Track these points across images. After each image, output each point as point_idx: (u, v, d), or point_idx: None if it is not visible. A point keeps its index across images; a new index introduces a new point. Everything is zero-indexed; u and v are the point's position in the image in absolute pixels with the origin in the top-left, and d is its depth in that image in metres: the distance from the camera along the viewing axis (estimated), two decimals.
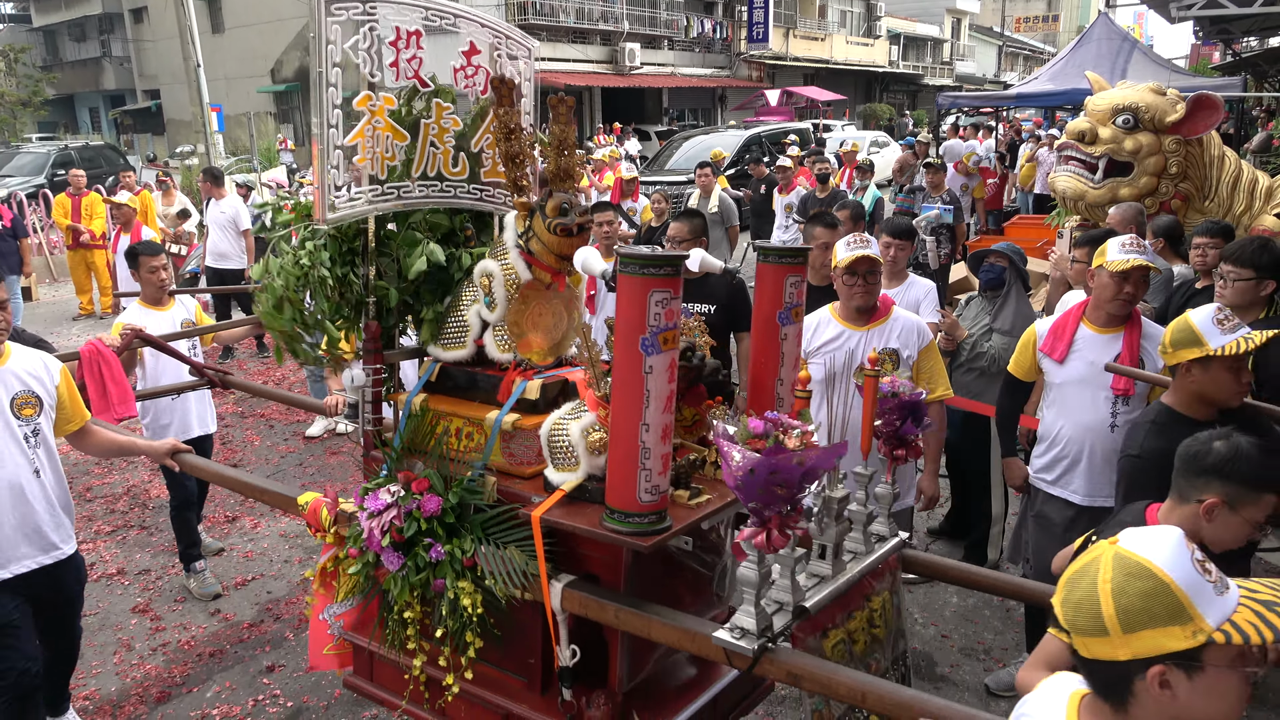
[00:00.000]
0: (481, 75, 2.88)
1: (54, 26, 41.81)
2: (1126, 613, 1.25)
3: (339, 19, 2.48)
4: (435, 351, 2.77)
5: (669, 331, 2.01)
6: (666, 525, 2.14)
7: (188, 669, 4.08)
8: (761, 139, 17.76)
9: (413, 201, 2.74)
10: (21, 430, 3.08)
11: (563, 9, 28.24)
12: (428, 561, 2.41)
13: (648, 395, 2.02)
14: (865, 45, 41.06)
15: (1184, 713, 1.27)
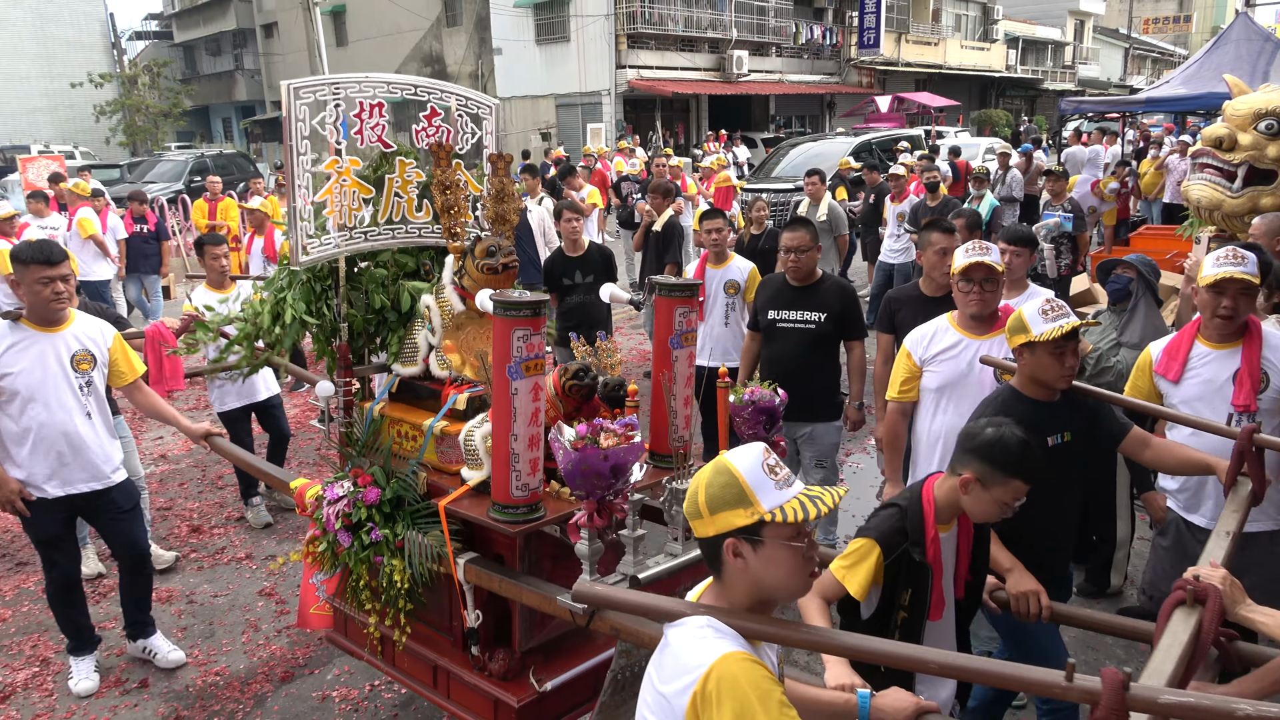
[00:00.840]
0: (443, 133, 3.47)
1: (193, 42, 44.48)
2: (711, 499, 1.66)
3: (306, 101, 3.07)
4: (396, 368, 3.37)
5: (531, 361, 2.56)
6: (539, 515, 2.70)
7: (310, 651, 4.28)
8: (871, 146, 17.44)
9: (379, 243, 3.40)
10: (78, 381, 3.83)
11: (671, 18, 28.40)
12: (369, 541, 2.93)
13: (515, 412, 2.58)
14: (981, 49, 39.87)
15: (756, 578, 1.67)
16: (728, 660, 1.56)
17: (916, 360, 3.67)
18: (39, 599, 4.82)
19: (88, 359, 3.86)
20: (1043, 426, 2.85)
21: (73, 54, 34.00)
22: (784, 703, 1.55)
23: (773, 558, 1.64)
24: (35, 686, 4.09)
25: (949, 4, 38.95)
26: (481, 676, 2.93)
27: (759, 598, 1.70)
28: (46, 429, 3.76)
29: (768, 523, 1.62)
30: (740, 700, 1.51)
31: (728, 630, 1.64)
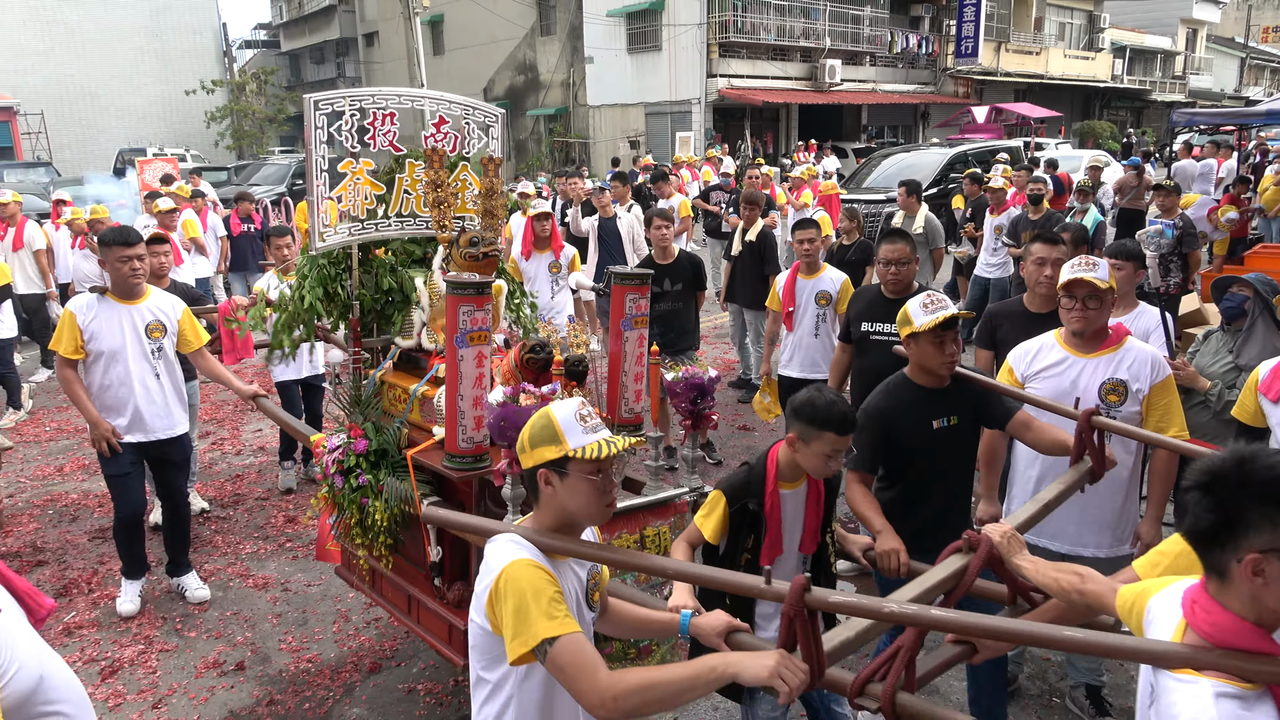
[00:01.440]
0: (451, 139, 3.92)
1: (298, 50, 46.25)
2: (532, 437, 2.04)
3: (325, 112, 3.56)
4: (398, 341, 3.92)
5: (475, 333, 3.02)
6: (484, 465, 3.12)
7: (396, 644, 4.38)
8: (967, 157, 17.02)
9: (388, 234, 3.91)
10: (150, 346, 4.57)
11: (764, 27, 28.27)
12: (357, 485, 3.38)
13: (461, 375, 3.03)
14: (1085, 59, 38.54)
15: (561, 504, 2.03)
16: (515, 564, 1.94)
17: (1019, 376, 3.55)
18: (146, 579, 5.05)
19: (159, 328, 4.59)
20: (930, 410, 3.16)
21: (187, 62, 35.70)
22: (554, 599, 1.89)
23: (575, 488, 2.01)
24: (140, 664, 4.28)
25: (1052, 12, 37.76)
26: (441, 604, 3.37)
27: (564, 521, 2.06)
28: (122, 385, 4.50)
29: (571, 458, 1.98)
30: (519, 595, 1.88)
31: (527, 544, 2.01)
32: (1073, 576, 2.09)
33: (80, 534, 5.71)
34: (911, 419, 3.17)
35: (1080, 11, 39.48)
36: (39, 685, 1.84)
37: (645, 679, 1.83)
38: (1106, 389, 3.36)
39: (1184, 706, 1.50)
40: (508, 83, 34.17)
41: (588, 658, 1.84)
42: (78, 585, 5.02)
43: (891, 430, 3.17)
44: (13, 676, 1.77)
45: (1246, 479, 1.50)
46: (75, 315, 4.43)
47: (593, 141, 30.75)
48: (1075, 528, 3.44)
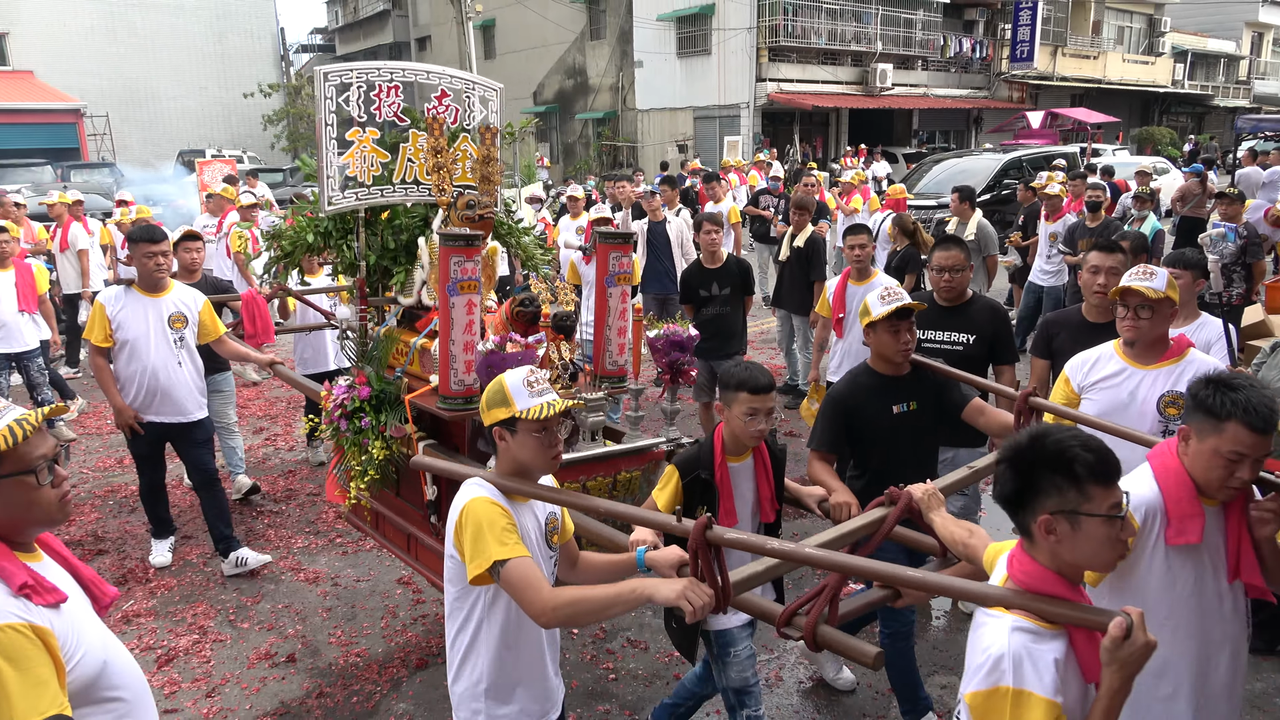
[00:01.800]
0: (452, 111, 4.22)
1: (353, 55, 46.98)
2: (488, 400, 2.41)
3: (334, 83, 3.88)
4: (401, 299, 4.25)
5: (465, 281, 3.31)
6: (474, 406, 3.31)
7: (443, 641, 4.40)
8: (1021, 163, 16.75)
9: (393, 199, 4.19)
10: (171, 336, 4.93)
11: (814, 31, 28.09)
12: (359, 427, 3.73)
13: (453, 322, 3.32)
14: (1145, 63, 37.67)
15: (514, 455, 2.39)
16: (475, 501, 2.31)
17: (1075, 386, 3.47)
18: (201, 570, 5.18)
19: (181, 319, 4.96)
20: (890, 396, 3.38)
21: (246, 66, 36.50)
22: (507, 529, 2.25)
23: (524, 444, 2.37)
24: (194, 653, 4.38)
25: (1111, 16, 36.98)
26: (438, 540, 3.54)
27: (518, 469, 2.42)
28: (146, 372, 4.86)
29: (519, 418, 2.33)
30: (476, 525, 2.25)
31: (488, 486, 2.37)
32: (963, 531, 2.35)
33: (139, 524, 5.85)
34: (872, 405, 3.39)
35: (1140, 15, 38.61)
36: (103, 671, 1.89)
37: (578, 594, 2.19)
38: (1165, 402, 3.27)
39: (987, 635, 1.76)
40: (557, 86, 34.40)
41: (534, 577, 2.20)
42: (135, 574, 5.16)
43: (853, 415, 3.40)
44: (79, 661, 1.82)
45: (1039, 453, 1.78)
46: (105, 306, 4.84)
47: (641, 145, 30.81)
48: None
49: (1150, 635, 1.62)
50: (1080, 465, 1.74)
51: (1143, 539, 2.34)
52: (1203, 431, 2.28)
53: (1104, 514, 1.73)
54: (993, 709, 1.68)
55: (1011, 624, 1.73)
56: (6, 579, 1.77)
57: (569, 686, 3.83)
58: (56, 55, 32.03)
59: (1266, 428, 2.19)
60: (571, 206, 9.06)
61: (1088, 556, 1.77)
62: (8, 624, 1.69)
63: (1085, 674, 1.72)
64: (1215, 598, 2.37)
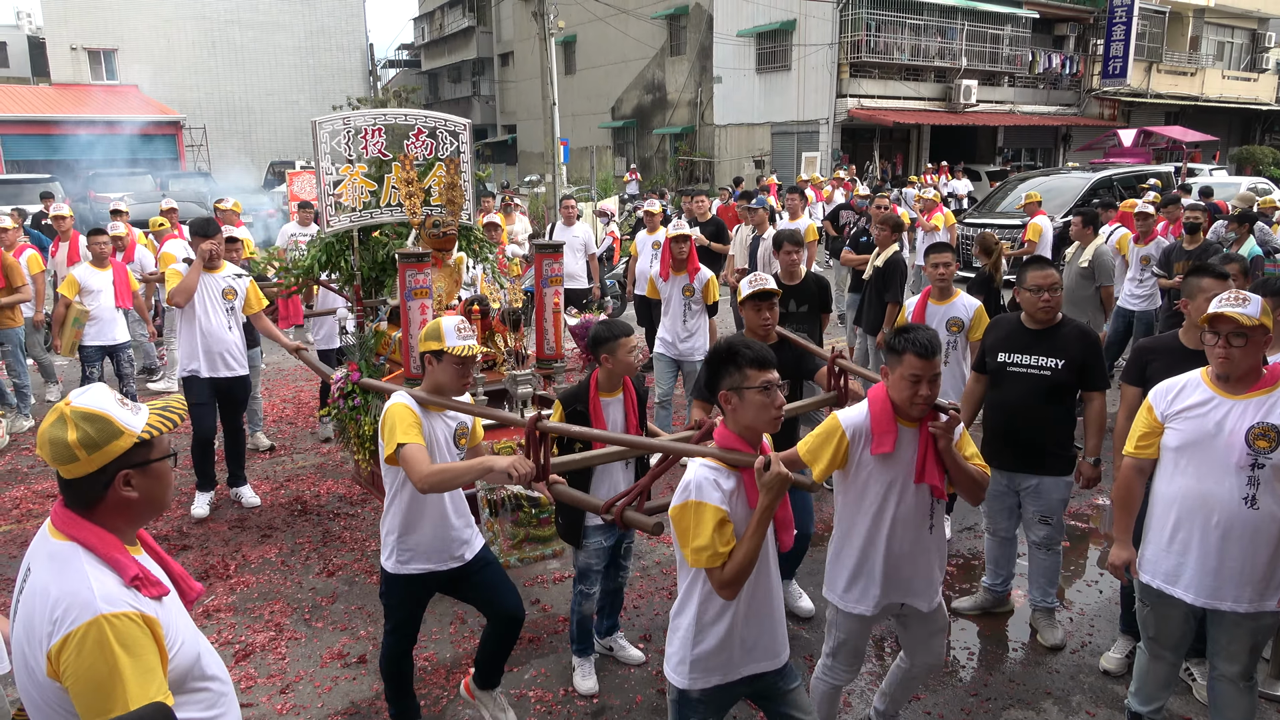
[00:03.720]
0: (427, 146, 5.47)
1: (437, 70, 48.21)
2: (425, 334, 3.41)
3: (327, 130, 5.15)
4: (388, 300, 5.53)
5: (418, 289, 4.51)
6: None
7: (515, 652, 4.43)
8: (1112, 182, 16.20)
9: (381, 220, 5.52)
10: (225, 306, 6.11)
11: (897, 46, 27.72)
12: (353, 406, 4.96)
13: (410, 320, 4.52)
14: (1247, 80, 36.16)
15: (436, 379, 3.39)
16: (393, 405, 3.28)
17: (1158, 415, 3.31)
18: (280, 569, 5.31)
19: (232, 292, 6.14)
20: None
21: (336, 80, 37.65)
22: (413, 425, 3.21)
23: (447, 370, 3.37)
24: (270, 649, 4.49)
25: (1210, 31, 35.61)
26: None
27: (437, 389, 3.38)
28: (206, 334, 6.02)
29: (446, 352, 3.33)
30: (390, 420, 3.23)
31: (408, 396, 3.35)
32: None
33: (221, 522, 6.04)
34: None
35: (1243, 30, 37.08)
36: (197, 661, 1.97)
37: (443, 467, 3.16)
38: (1255, 434, 3.08)
39: (687, 473, 2.62)
40: (635, 101, 34.65)
41: (419, 457, 3.13)
42: (216, 571, 5.32)
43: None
44: (178, 651, 1.90)
45: (720, 352, 2.67)
46: (179, 269, 6.20)
47: (717, 160, 30.79)
48: (1214, 580, 3.18)
49: (782, 469, 2.46)
50: (742, 357, 2.59)
51: (855, 450, 3.13)
52: (892, 365, 3.10)
53: (757, 387, 2.58)
54: (684, 515, 2.55)
55: (701, 464, 2.62)
56: (120, 570, 1.85)
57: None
58: (160, 70, 33.56)
59: (930, 353, 2.99)
60: (648, 221, 9.07)
61: (751, 418, 2.61)
62: (123, 613, 1.77)
63: (750, 502, 2.57)
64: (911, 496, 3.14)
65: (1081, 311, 7.59)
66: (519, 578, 5.14)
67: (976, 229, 12.87)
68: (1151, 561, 3.35)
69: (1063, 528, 4.58)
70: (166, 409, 1.98)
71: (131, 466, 1.90)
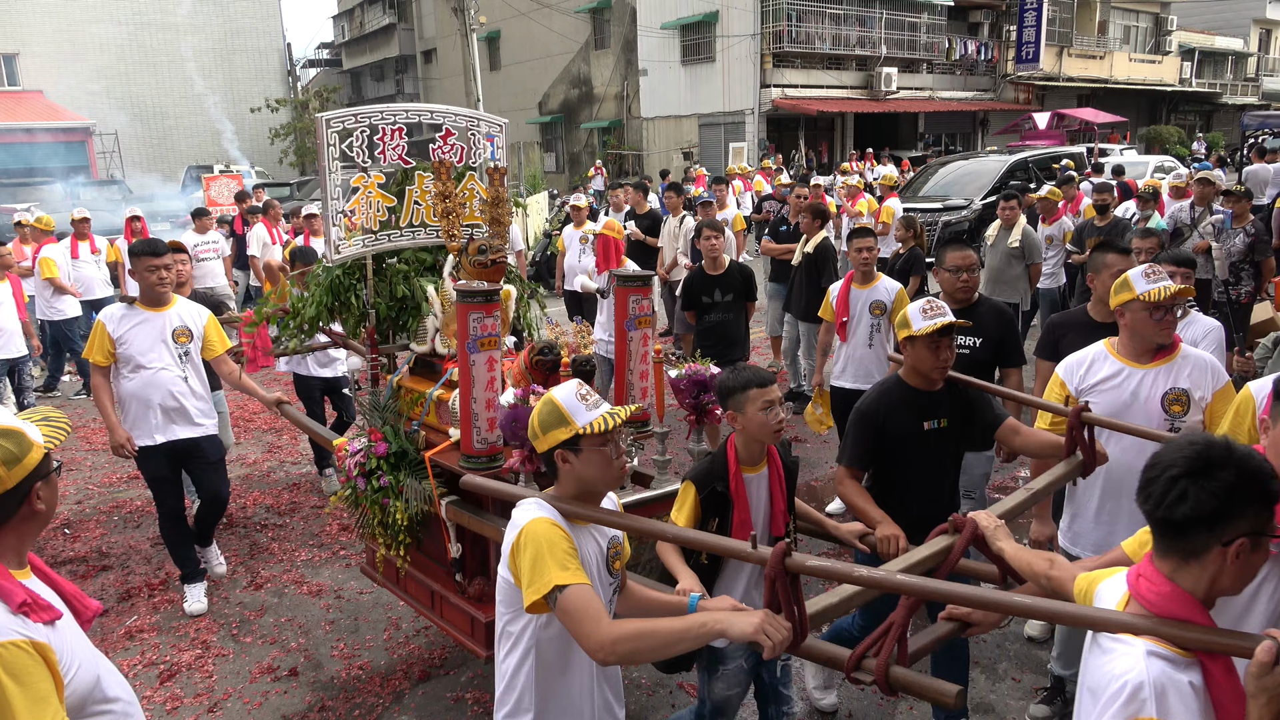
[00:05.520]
0: (456, 151, 4.13)
1: (359, 69, 47.32)
2: (542, 423, 2.28)
3: (337, 129, 3.79)
4: (413, 346, 4.10)
5: (485, 339, 3.18)
6: (498, 464, 3.24)
7: (445, 653, 4.39)
8: (1028, 164, 16.66)
9: (400, 244, 4.13)
10: (177, 351, 4.80)
11: (818, 36, 28.08)
12: (379, 486, 3.60)
13: (474, 380, 3.20)
14: (1152, 62, 37.50)
15: (579, 475, 2.28)
16: (535, 521, 2.19)
17: (1071, 389, 3.42)
18: (207, 585, 5.16)
19: (185, 333, 4.83)
20: (921, 412, 3.26)
21: (254, 81, 36.74)
22: (568, 553, 2.13)
23: (589, 460, 2.26)
24: (197, 668, 4.36)
25: (1117, 15, 36.83)
26: (463, 599, 3.55)
27: (582, 490, 2.30)
28: (152, 387, 4.71)
29: (582, 435, 2.22)
30: (536, 547, 2.12)
31: (548, 507, 2.25)
32: (1043, 562, 2.22)
33: (143, 540, 5.85)
34: (902, 419, 3.27)
35: (1147, 14, 38.47)
36: (97, 683, 1.93)
37: (641, 628, 2.06)
38: (1170, 400, 3.22)
39: (1119, 662, 1.61)
40: (562, 96, 34.49)
41: (594, 606, 2.06)
42: (139, 590, 5.15)
43: (883, 430, 3.30)
44: (75, 675, 1.85)
45: (1242, 472, 1.60)
46: (105, 324, 4.67)
47: (646, 153, 30.84)
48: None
49: None
50: (1275, 487, 1.63)
51: None
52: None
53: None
54: None
55: (1146, 649, 1.60)
56: (5, 597, 1.78)
57: None
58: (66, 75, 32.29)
59: None
60: (575, 216, 9.03)
61: (1239, 579, 1.65)
62: (10, 641, 1.72)
63: (1218, 709, 1.57)
64: None
65: (1012, 290, 7.80)
66: None
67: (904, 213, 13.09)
68: (1080, 534, 3.45)
69: (985, 501, 4.69)
70: (47, 419, 1.94)
71: (42, 478, 1.88)
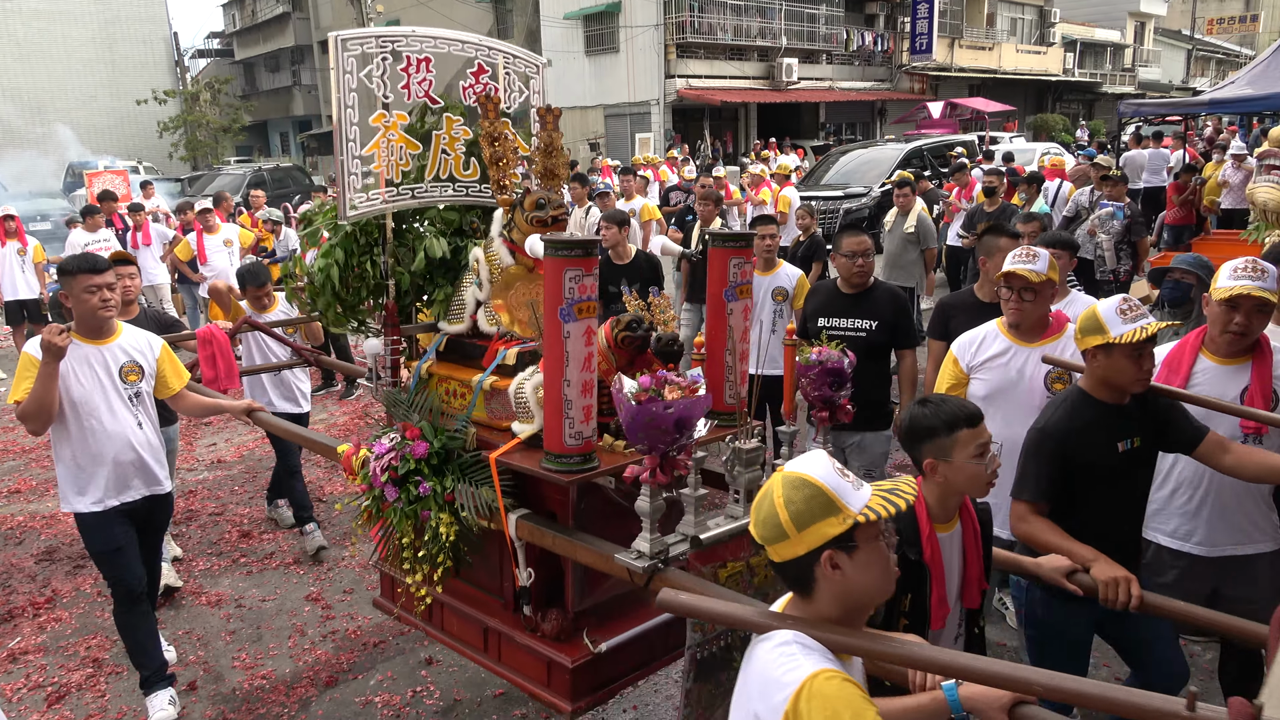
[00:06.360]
0: (490, 90, 3.35)
1: (253, 59, 45.61)
2: (797, 515, 1.60)
3: (354, 53, 3.00)
4: (443, 326, 3.30)
5: (584, 303, 2.46)
6: (592, 465, 2.59)
7: (354, 657, 4.30)
8: (923, 152, 17.19)
9: (426, 200, 3.32)
10: (127, 392, 3.77)
11: (720, 27, 28.35)
12: (417, 495, 2.91)
13: (568, 356, 2.48)
14: (1037, 53, 39.10)
15: (851, 587, 1.62)
16: (818, 678, 1.51)
17: (964, 366, 3.57)
18: (95, 601, 4.93)
19: (135, 370, 3.79)
20: (1112, 431, 2.72)
21: (138, 73, 35.08)
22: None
23: (868, 562, 1.61)
24: (88, 687, 4.17)
25: (1004, 7, 38.27)
26: (534, 638, 2.87)
27: (850, 606, 1.64)
28: (97, 439, 3.68)
29: (860, 524, 1.59)
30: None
31: (815, 645, 1.59)
32: None
33: (26, 556, 5.55)
34: (1095, 441, 2.72)
35: (1031, 6, 40.06)
36: None
37: None
38: (1052, 378, 3.38)
39: None
40: None
41: None
42: (23, 610, 4.88)
43: (1072, 454, 2.72)
44: None
45: None
46: (35, 357, 3.55)
47: None
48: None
49: None
50: None
51: None
52: None
53: None
54: None
55: None
56: None
57: None
58: None
59: None
60: None
61: None
62: None
63: None
64: None
65: (908, 275, 8.04)
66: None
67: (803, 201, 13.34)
68: None
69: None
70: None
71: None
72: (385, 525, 3.02)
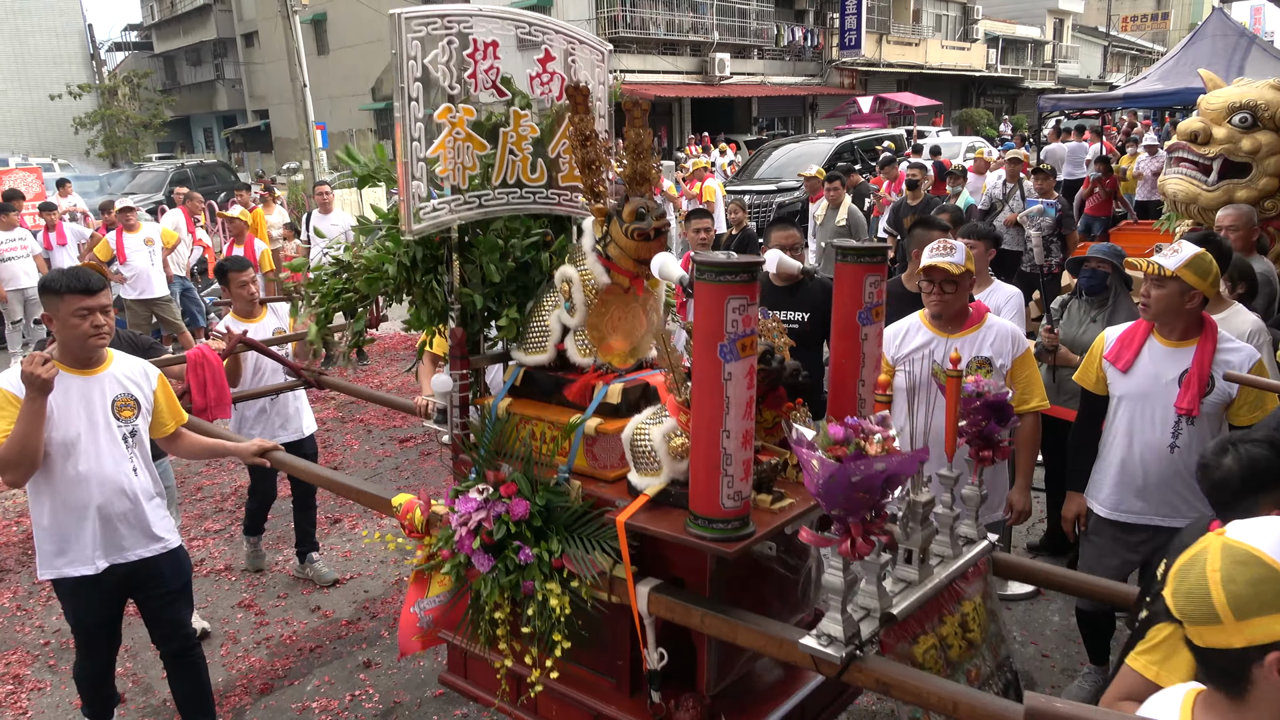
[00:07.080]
0: (556, 81, 2.93)
1: (173, 53, 44.24)
2: (1237, 599, 1.25)
3: (419, 34, 2.55)
4: (519, 356, 2.85)
5: (747, 338, 2.02)
6: (750, 531, 2.16)
7: (289, 663, 4.23)
8: (854, 146, 17.49)
9: (494, 209, 2.82)
10: (121, 431, 3.17)
11: (653, 21, 28.43)
12: (517, 564, 2.48)
13: (728, 402, 2.04)
14: (962, 49, 40.07)
15: None
16: None
17: (890, 358, 3.64)
18: (14, 615, 4.76)
19: (131, 405, 3.19)
20: None
21: (51, 67, 33.80)
22: None
23: None
24: (9, 705, 4.02)
25: (929, 4, 39.13)
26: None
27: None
28: (87, 487, 3.09)
29: None
30: None
31: None
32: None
33: None
34: None
35: (955, 3, 41.02)
36: None
37: None
38: (974, 367, 3.48)
39: None
40: None
41: None
42: None
43: None
44: None
45: None
46: (12, 393, 2.99)
47: None
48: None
49: None
50: None
51: None
52: None
53: None
54: None
55: None
56: None
57: None
58: None
59: None
60: None
61: None
62: None
63: None
64: None
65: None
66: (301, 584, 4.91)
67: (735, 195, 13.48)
68: None
69: None
70: None
71: None
72: (464, 592, 2.58)
